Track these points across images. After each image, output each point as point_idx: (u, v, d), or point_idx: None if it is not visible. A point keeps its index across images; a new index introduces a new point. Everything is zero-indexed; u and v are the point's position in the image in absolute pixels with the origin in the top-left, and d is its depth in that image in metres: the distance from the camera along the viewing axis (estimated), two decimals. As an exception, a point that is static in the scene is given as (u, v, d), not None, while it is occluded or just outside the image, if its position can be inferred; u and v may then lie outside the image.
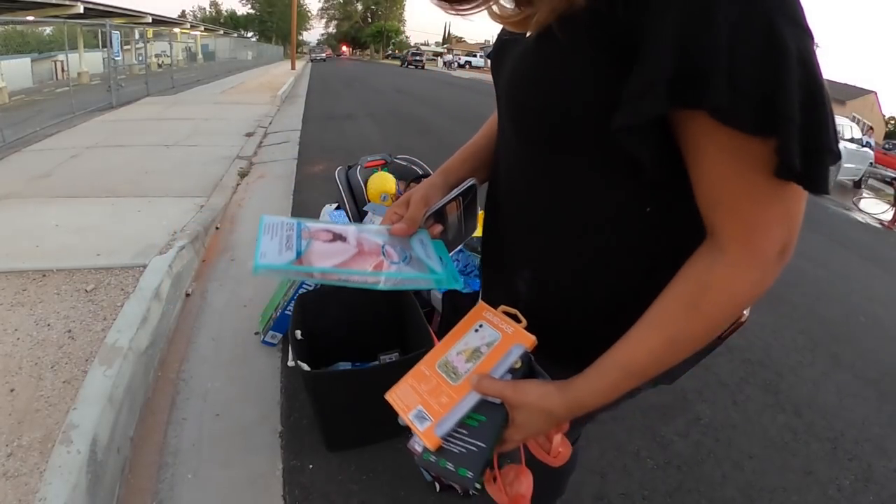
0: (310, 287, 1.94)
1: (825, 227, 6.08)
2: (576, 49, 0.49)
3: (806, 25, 0.43)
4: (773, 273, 0.49)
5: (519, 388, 0.58)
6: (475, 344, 0.64)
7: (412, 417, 0.65)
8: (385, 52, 63.51)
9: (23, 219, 2.93)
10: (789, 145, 0.42)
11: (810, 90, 0.42)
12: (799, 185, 0.46)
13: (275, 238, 0.60)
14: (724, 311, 0.51)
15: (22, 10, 11.01)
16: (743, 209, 0.47)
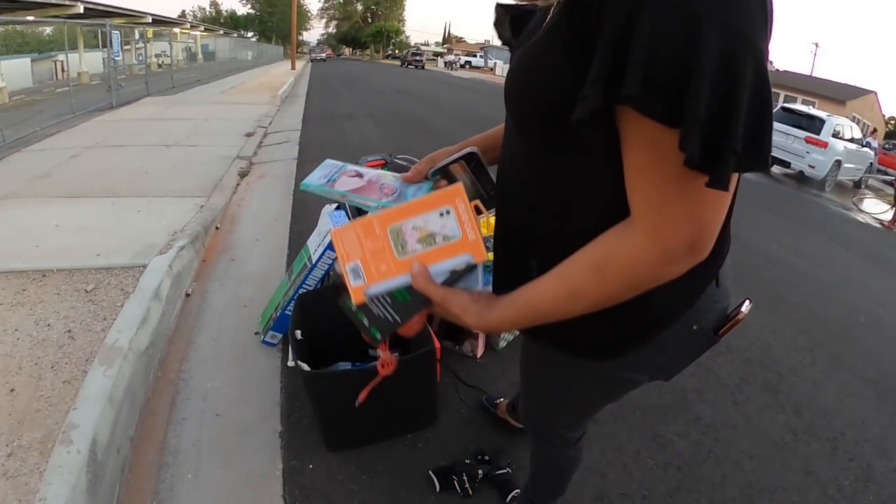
0: (310, 287, 1.95)
1: (825, 228, 6.08)
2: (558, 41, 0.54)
3: (742, 34, 0.44)
4: (681, 263, 0.54)
5: (447, 297, 0.64)
6: (433, 229, 0.65)
7: (348, 269, 0.67)
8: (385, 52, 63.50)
9: (23, 219, 2.93)
10: (690, 137, 0.45)
11: (727, 92, 0.44)
12: (709, 192, 0.49)
13: (322, 171, 0.85)
14: (621, 283, 0.56)
15: (22, 10, 11.01)
16: (653, 201, 0.51)
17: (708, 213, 0.51)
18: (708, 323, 0.75)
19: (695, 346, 0.77)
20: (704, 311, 0.73)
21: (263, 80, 15.46)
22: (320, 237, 1.98)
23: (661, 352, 0.75)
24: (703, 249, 0.54)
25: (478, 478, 1.47)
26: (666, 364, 0.79)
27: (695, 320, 0.73)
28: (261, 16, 56.44)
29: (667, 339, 0.73)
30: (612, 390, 0.88)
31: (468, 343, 2.08)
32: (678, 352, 0.76)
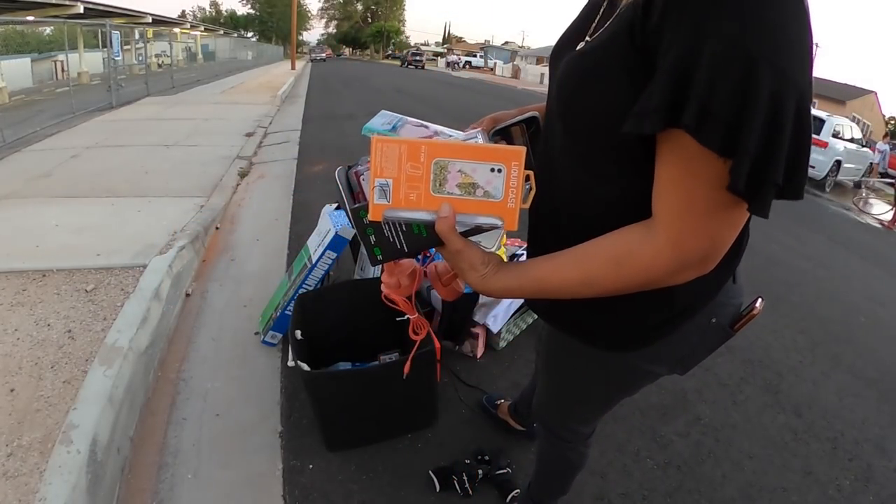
0: (310, 287, 1.95)
1: (825, 228, 6.08)
2: (618, 52, 0.57)
3: (790, 77, 0.48)
4: (690, 273, 0.59)
5: (462, 250, 0.64)
6: (478, 180, 0.62)
7: (377, 184, 0.63)
8: (385, 52, 63.49)
9: (23, 219, 2.93)
10: (740, 169, 0.49)
11: (774, 130, 0.48)
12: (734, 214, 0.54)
13: (382, 119, 0.93)
14: (635, 280, 0.60)
15: (22, 10, 11.02)
16: (683, 213, 0.55)
17: (727, 232, 0.56)
18: (725, 317, 0.79)
19: (712, 339, 0.80)
20: (722, 305, 0.78)
21: (263, 80, 15.45)
22: (320, 237, 1.98)
23: (683, 344, 0.78)
24: (713, 262, 0.59)
25: (478, 478, 1.47)
26: (685, 356, 0.81)
27: (714, 314, 0.77)
28: (261, 16, 56.43)
29: (688, 331, 0.76)
30: (632, 383, 0.90)
31: (468, 343, 2.08)
32: (698, 344, 0.80)
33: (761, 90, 0.47)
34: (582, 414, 1.04)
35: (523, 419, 1.65)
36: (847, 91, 19.51)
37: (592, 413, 1.04)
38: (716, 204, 0.53)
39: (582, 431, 1.10)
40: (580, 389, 0.95)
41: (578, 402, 0.99)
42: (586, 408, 1.01)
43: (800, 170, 0.51)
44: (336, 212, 2.08)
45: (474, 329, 2.07)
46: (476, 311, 2.03)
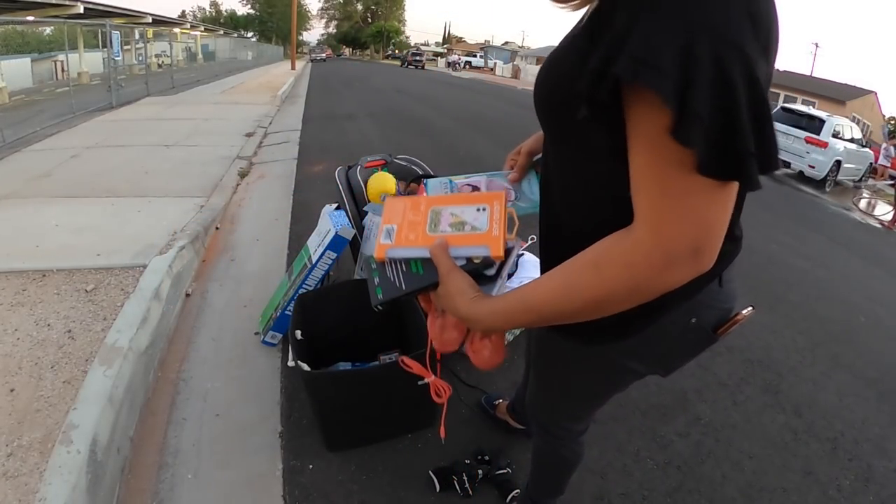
0: (310, 287, 1.94)
1: (825, 227, 6.08)
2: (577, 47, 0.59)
3: (732, 42, 0.47)
4: (682, 268, 0.53)
5: (452, 273, 0.68)
6: (467, 218, 0.73)
7: (384, 229, 0.76)
8: (385, 52, 63.47)
9: (23, 219, 2.93)
10: (687, 126, 0.47)
11: (724, 95, 0.47)
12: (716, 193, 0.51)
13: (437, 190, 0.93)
14: (619, 282, 0.55)
15: (22, 10, 11.01)
16: (655, 199, 0.52)
17: (711, 214, 0.52)
18: (708, 320, 0.76)
19: (693, 340, 0.78)
20: (705, 306, 0.75)
21: (263, 80, 15.45)
22: (320, 237, 1.98)
23: (660, 341, 0.77)
24: (707, 254, 0.54)
25: (478, 478, 1.47)
26: (665, 355, 0.81)
27: (694, 314, 0.75)
28: (261, 16, 56.40)
29: (665, 329, 0.75)
30: (614, 379, 0.90)
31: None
32: (677, 344, 0.78)
33: (701, 55, 0.46)
34: (570, 411, 1.05)
35: (521, 417, 1.65)
36: (847, 91, 19.50)
37: (581, 410, 1.05)
38: (691, 183, 0.50)
39: (574, 429, 1.10)
40: (565, 385, 0.97)
41: (565, 397, 1.00)
42: (573, 404, 1.02)
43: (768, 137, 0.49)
44: (336, 212, 2.08)
45: (474, 329, 2.07)
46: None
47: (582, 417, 1.09)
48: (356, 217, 2.08)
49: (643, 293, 0.56)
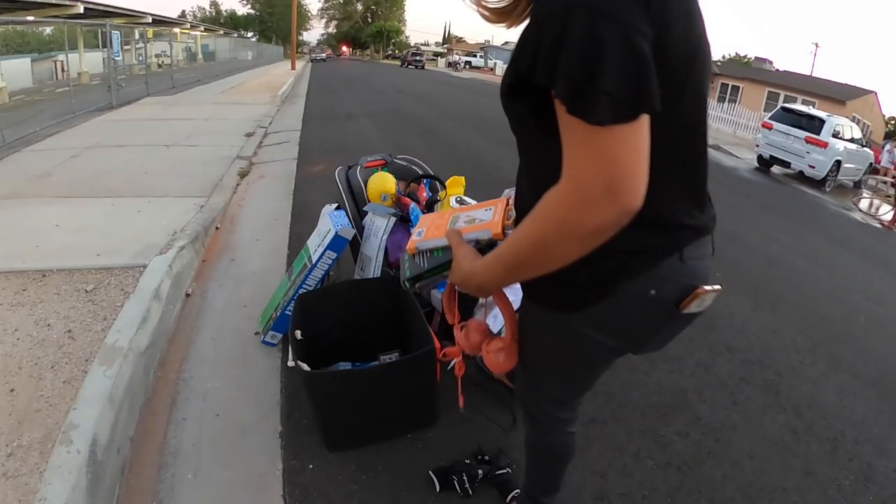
0: (310, 287, 1.94)
1: (825, 228, 6.08)
2: None
3: (606, 11, 0.57)
4: (602, 206, 0.61)
5: (460, 247, 0.88)
6: (476, 216, 0.97)
7: (416, 231, 1.04)
8: (385, 52, 63.45)
9: (23, 219, 2.93)
10: (562, 86, 0.59)
11: (592, 51, 0.57)
12: (614, 137, 0.59)
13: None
14: (547, 221, 0.66)
15: (22, 10, 11.01)
16: (569, 152, 0.62)
17: (615, 154, 0.59)
18: (668, 293, 0.80)
19: (656, 314, 0.82)
20: (664, 280, 0.79)
21: (263, 80, 15.45)
22: (320, 237, 1.98)
23: (623, 313, 0.81)
24: (623, 192, 0.60)
25: (478, 478, 1.47)
26: (630, 329, 0.84)
27: (653, 286, 0.79)
28: (261, 16, 56.36)
29: (626, 301, 0.79)
30: (586, 354, 0.94)
31: (468, 343, 2.08)
32: (639, 317, 0.82)
33: (573, 27, 0.57)
34: (551, 392, 1.07)
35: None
36: (847, 91, 19.47)
37: (562, 392, 1.07)
38: (589, 132, 0.59)
39: (558, 416, 1.12)
40: (543, 361, 1.01)
41: (545, 377, 1.04)
42: (554, 384, 1.05)
43: (641, 83, 0.58)
44: (336, 212, 2.08)
45: (474, 329, 2.07)
46: (476, 310, 2.03)
47: (564, 402, 1.10)
48: (356, 217, 2.08)
49: (572, 232, 0.64)
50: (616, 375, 2.10)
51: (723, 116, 16.23)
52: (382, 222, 1.96)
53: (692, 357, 2.33)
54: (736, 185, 7.66)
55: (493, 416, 1.77)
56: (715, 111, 16.67)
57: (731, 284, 3.27)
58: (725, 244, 4.18)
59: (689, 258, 0.80)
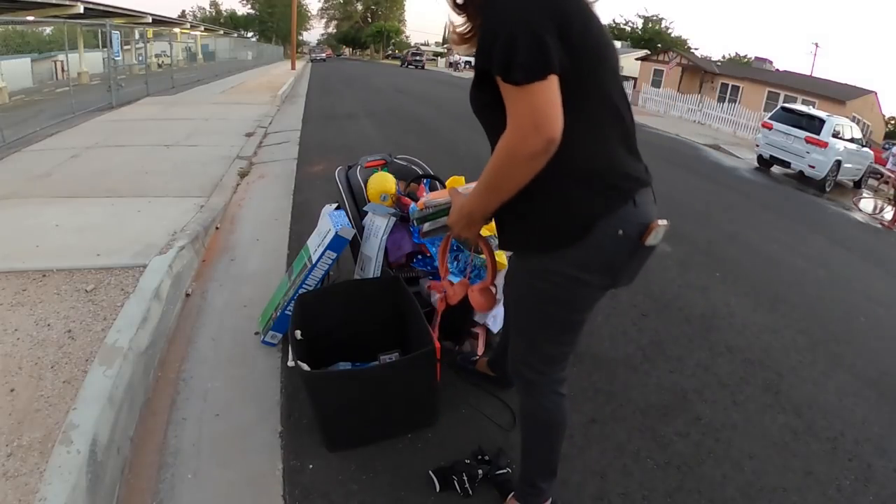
0: (310, 287, 1.94)
1: (825, 228, 6.08)
2: None
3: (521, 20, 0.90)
4: (532, 138, 0.89)
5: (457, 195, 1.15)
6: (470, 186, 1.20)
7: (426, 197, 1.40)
8: (385, 52, 63.43)
9: (23, 219, 2.93)
10: (493, 67, 0.92)
11: (510, 45, 0.88)
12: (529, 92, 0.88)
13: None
14: (499, 154, 0.94)
15: (22, 10, 11.01)
16: (508, 107, 0.92)
17: (533, 102, 0.89)
18: (632, 231, 1.04)
19: (625, 248, 1.05)
20: (626, 222, 1.03)
21: (263, 80, 15.46)
22: (320, 237, 1.98)
23: (597, 250, 1.03)
24: (544, 126, 0.88)
25: (478, 478, 1.47)
26: (607, 264, 1.06)
27: (620, 227, 1.02)
28: (261, 16, 56.32)
29: (599, 239, 1.02)
30: (566, 291, 1.09)
31: (468, 343, 2.08)
32: (613, 253, 1.05)
33: (500, 32, 0.90)
34: (542, 346, 1.19)
35: (499, 368, 1.81)
36: (847, 91, 19.44)
37: (550, 343, 1.19)
38: (516, 92, 0.89)
39: (550, 374, 1.22)
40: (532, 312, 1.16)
41: (535, 329, 1.18)
42: (542, 336, 1.18)
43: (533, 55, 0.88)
44: (336, 212, 2.08)
45: (475, 329, 2.07)
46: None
47: (556, 358, 1.22)
48: (356, 217, 2.08)
49: (517, 158, 0.92)
50: (616, 375, 2.10)
51: (723, 116, 16.23)
52: (382, 222, 1.96)
53: (692, 357, 2.33)
54: (736, 185, 7.66)
55: (493, 416, 1.77)
56: (715, 111, 16.69)
57: (731, 284, 3.27)
58: (725, 244, 4.18)
59: (641, 203, 1.05)
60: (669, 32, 40.39)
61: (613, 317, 2.59)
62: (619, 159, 1.05)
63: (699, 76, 22.54)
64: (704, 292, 3.07)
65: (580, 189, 1.01)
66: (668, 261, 3.49)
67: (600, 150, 1.01)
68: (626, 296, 2.84)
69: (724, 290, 3.17)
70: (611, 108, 1.03)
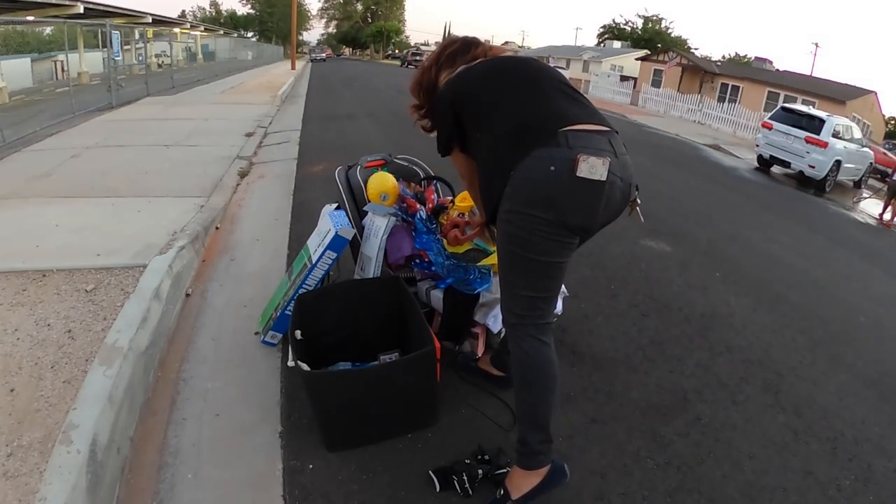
0: (310, 287, 1.94)
1: (825, 227, 6.08)
2: None
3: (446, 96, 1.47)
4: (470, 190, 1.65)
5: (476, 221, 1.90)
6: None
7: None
8: (385, 52, 63.41)
9: (23, 219, 2.93)
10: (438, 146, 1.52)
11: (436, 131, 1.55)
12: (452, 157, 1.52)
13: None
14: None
15: (22, 10, 11.00)
16: None
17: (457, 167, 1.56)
18: (564, 167, 1.20)
19: (561, 181, 1.21)
20: (556, 159, 1.20)
21: (263, 80, 15.46)
22: (320, 237, 1.98)
23: (536, 187, 1.23)
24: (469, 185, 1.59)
25: (478, 478, 1.47)
26: (548, 198, 1.22)
27: (550, 164, 1.21)
28: (261, 16, 56.30)
29: (532, 177, 1.23)
30: (524, 230, 1.26)
31: (468, 343, 2.08)
32: (553, 187, 1.22)
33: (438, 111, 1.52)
34: (516, 288, 1.33)
35: (503, 365, 1.83)
36: (847, 91, 19.42)
37: (524, 286, 1.32)
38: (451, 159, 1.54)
39: (535, 319, 1.34)
40: (502, 254, 1.35)
41: (504, 267, 1.35)
42: (514, 276, 1.32)
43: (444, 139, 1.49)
44: (336, 212, 2.08)
45: (475, 329, 2.07)
46: (476, 310, 2.03)
47: (532, 302, 1.33)
48: (356, 217, 2.08)
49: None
50: (616, 375, 2.10)
51: (723, 116, 16.23)
52: (382, 222, 1.96)
53: (692, 357, 2.33)
54: (736, 185, 7.66)
55: (493, 416, 1.77)
56: (715, 111, 16.69)
57: (731, 284, 3.27)
58: (725, 244, 4.18)
59: (575, 144, 1.21)
60: (669, 32, 40.41)
61: (613, 317, 2.59)
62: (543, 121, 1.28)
63: (699, 76, 22.53)
64: (704, 292, 3.07)
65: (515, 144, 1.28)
66: (668, 261, 3.49)
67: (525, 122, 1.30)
68: (626, 296, 2.84)
69: (724, 290, 3.17)
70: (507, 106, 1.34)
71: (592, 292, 2.84)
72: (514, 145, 1.27)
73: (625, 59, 30.89)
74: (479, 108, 1.39)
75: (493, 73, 1.43)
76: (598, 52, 35.51)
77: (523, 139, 1.26)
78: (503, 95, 1.37)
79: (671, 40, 37.99)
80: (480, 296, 1.96)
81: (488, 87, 1.40)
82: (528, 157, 1.23)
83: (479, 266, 1.96)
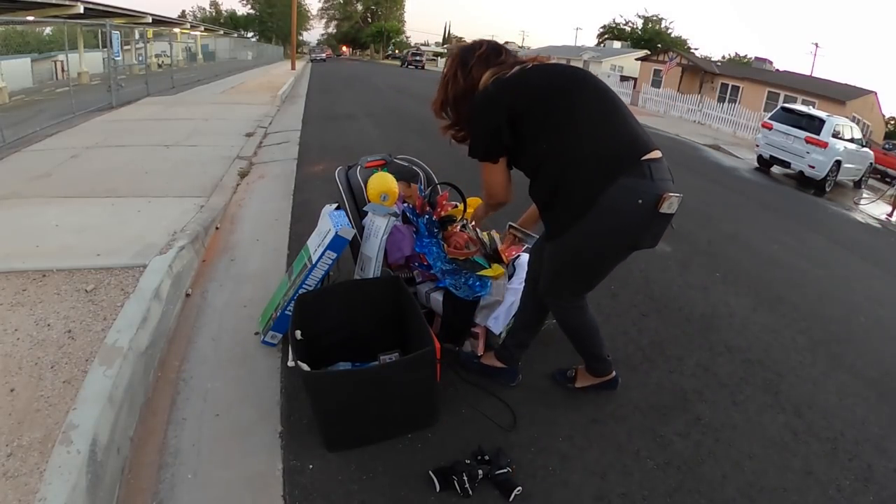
0: (310, 287, 1.94)
1: (825, 227, 6.08)
2: None
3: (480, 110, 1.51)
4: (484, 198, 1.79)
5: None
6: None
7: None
8: (385, 52, 63.39)
9: (23, 219, 2.93)
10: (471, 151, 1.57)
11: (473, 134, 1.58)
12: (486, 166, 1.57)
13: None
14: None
15: (22, 10, 10.99)
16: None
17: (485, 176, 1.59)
18: (649, 201, 1.36)
19: (648, 216, 1.39)
20: (643, 193, 1.37)
21: (263, 80, 15.45)
22: (320, 237, 1.98)
23: (623, 219, 1.40)
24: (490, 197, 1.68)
25: (478, 478, 1.47)
26: (633, 227, 1.43)
27: (638, 197, 1.36)
28: (261, 16, 56.27)
29: (620, 210, 1.38)
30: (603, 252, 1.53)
31: (468, 343, 2.08)
32: (639, 221, 1.40)
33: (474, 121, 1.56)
34: (574, 286, 1.64)
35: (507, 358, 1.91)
36: (847, 91, 19.40)
37: (582, 284, 1.65)
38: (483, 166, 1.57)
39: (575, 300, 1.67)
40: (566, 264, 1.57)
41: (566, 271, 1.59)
42: (576, 277, 1.61)
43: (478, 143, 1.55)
44: (336, 212, 2.08)
45: (475, 329, 2.07)
46: (477, 312, 2.03)
47: (583, 291, 1.67)
48: (356, 217, 2.08)
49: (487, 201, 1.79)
50: (616, 375, 2.10)
51: (723, 116, 16.22)
52: (382, 222, 1.96)
53: (692, 357, 2.33)
54: (736, 185, 7.66)
55: (493, 416, 1.77)
56: (715, 111, 16.68)
57: (731, 284, 3.27)
58: (725, 244, 4.18)
59: (657, 177, 1.38)
60: (669, 32, 40.41)
61: (613, 317, 2.59)
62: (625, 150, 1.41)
63: (699, 76, 22.53)
64: (704, 292, 3.07)
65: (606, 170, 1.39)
66: (669, 261, 3.49)
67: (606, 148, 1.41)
68: (626, 296, 2.84)
69: (724, 290, 3.17)
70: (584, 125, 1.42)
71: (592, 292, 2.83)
72: (600, 171, 1.37)
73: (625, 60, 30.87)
74: (547, 119, 1.40)
75: (561, 84, 1.43)
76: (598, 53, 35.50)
77: (608, 165, 1.36)
78: (578, 112, 1.40)
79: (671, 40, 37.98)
80: (481, 298, 1.96)
81: (557, 100, 1.40)
82: (613, 184, 1.34)
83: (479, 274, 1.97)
